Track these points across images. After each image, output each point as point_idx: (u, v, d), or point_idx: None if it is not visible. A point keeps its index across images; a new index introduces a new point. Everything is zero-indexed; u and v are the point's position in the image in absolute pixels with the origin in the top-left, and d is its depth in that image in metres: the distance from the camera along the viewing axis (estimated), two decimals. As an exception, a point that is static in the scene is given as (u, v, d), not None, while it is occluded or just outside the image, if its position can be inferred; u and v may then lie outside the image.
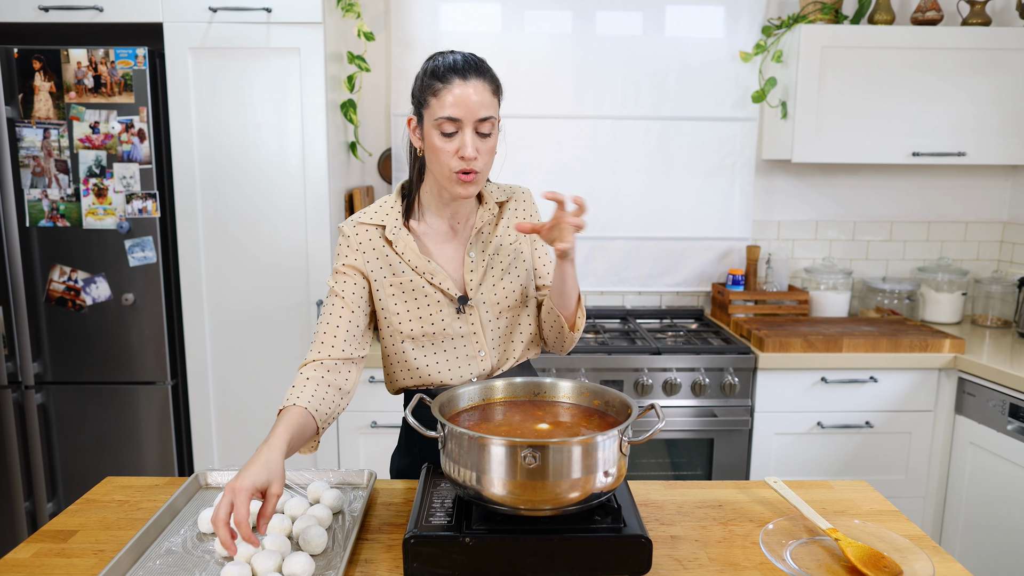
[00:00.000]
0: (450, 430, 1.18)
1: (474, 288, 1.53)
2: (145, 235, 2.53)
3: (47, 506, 2.64)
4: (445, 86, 1.37)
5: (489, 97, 1.39)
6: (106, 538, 1.34)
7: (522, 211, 1.61)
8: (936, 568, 1.23)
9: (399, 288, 1.51)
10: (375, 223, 1.51)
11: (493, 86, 1.41)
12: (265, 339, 2.63)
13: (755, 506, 1.47)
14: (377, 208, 1.54)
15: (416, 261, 1.50)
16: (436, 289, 1.51)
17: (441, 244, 1.54)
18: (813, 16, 2.87)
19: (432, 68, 1.40)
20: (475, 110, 1.37)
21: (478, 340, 1.54)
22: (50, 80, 2.42)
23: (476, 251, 1.55)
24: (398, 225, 1.51)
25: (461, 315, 1.52)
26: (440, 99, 1.37)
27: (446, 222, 1.55)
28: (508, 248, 1.58)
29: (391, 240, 1.50)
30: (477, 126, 1.39)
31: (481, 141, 1.41)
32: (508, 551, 1.17)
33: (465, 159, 1.39)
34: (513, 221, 1.59)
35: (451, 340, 1.53)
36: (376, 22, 3.00)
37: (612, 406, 1.34)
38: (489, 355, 1.56)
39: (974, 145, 2.82)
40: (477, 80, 1.38)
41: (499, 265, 1.56)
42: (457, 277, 1.54)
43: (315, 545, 1.26)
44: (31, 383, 2.57)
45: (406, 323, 1.52)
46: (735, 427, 2.67)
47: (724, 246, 3.21)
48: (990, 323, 3.07)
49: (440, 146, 1.40)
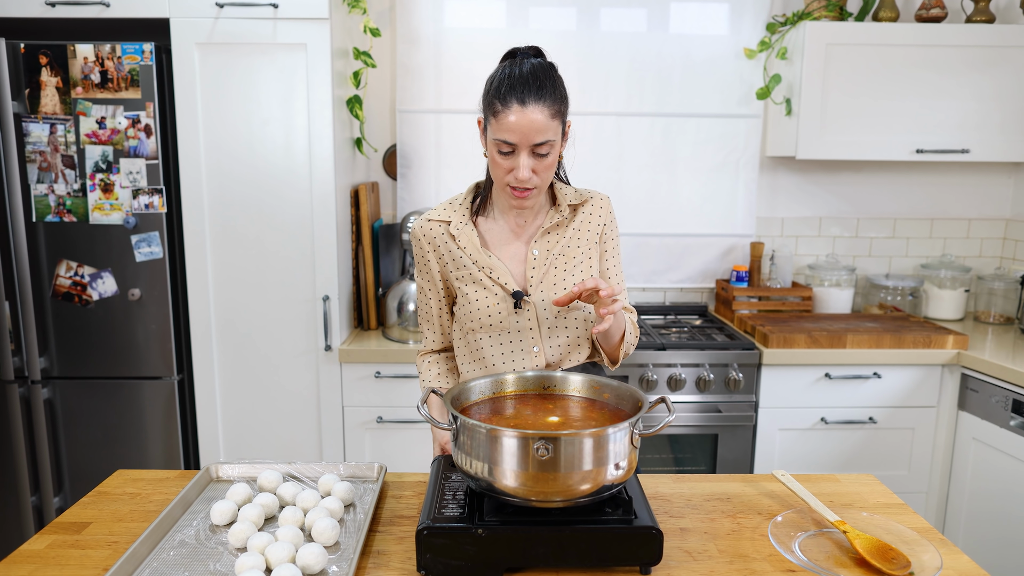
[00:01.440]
0: (463, 422, 1.19)
1: (534, 285, 1.55)
2: (151, 230, 2.53)
3: (53, 500, 2.65)
4: (504, 109, 1.39)
5: (547, 121, 1.40)
6: (119, 530, 1.35)
7: (595, 217, 1.63)
8: (944, 560, 1.24)
9: (461, 280, 1.56)
10: (441, 219, 1.58)
11: (554, 108, 1.41)
12: (271, 334, 2.64)
13: (763, 499, 1.48)
14: (447, 204, 1.61)
15: (476, 255, 1.54)
16: (495, 283, 1.54)
17: (505, 241, 1.58)
18: (818, 13, 2.87)
19: (498, 83, 1.41)
20: (531, 136, 1.39)
21: (534, 336, 1.56)
22: (57, 75, 2.43)
23: (541, 249, 1.57)
24: (464, 221, 1.56)
25: (519, 310, 1.55)
26: (499, 121, 1.40)
27: (513, 220, 1.59)
28: (575, 251, 1.59)
29: (455, 235, 1.55)
30: (534, 148, 1.41)
31: (537, 161, 1.43)
32: (520, 542, 1.18)
33: (518, 180, 1.43)
34: (585, 226, 1.61)
35: (507, 334, 1.56)
36: (382, 18, 3.01)
37: (622, 399, 1.35)
38: (544, 352, 1.57)
39: (977, 142, 2.83)
40: (535, 105, 1.38)
41: (563, 266, 1.57)
42: (518, 273, 1.57)
43: (328, 537, 1.27)
44: (37, 378, 2.58)
45: (466, 314, 1.57)
46: (739, 423, 2.68)
47: (728, 243, 3.22)
48: (993, 320, 3.08)
49: (498, 161, 1.45)
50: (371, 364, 2.63)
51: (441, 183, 3.09)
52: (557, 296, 1.54)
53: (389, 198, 3.17)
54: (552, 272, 1.56)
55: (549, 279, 1.56)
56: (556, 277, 1.56)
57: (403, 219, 2.84)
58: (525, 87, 1.39)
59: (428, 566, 1.18)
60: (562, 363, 1.60)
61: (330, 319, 2.62)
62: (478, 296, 1.55)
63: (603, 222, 1.64)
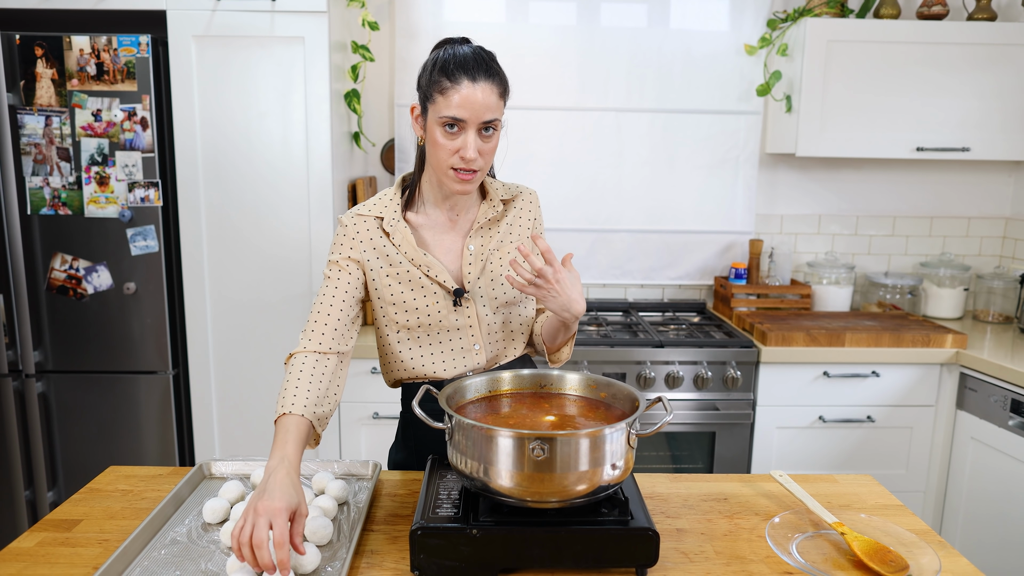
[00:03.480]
0: (458, 422, 1.18)
1: (472, 281, 1.52)
2: (147, 224, 2.52)
3: (47, 495, 2.63)
4: (453, 85, 1.35)
5: (495, 100, 1.38)
6: (110, 527, 1.34)
7: (526, 212, 1.61)
8: (942, 563, 1.23)
9: (395, 279, 1.50)
10: (373, 215, 1.51)
11: (500, 88, 1.39)
12: (267, 329, 2.62)
13: (760, 500, 1.47)
14: (376, 200, 1.54)
15: (412, 253, 1.49)
16: (432, 281, 1.50)
17: (439, 235, 1.53)
18: (819, 10, 2.86)
19: (442, 63, 1.37)
20: (480, 113, 1.36)
21: (474, 333, 1.53)
22: (52, 67, 2.41)
23: (476, 244, 1.53)
24: (396, 217, 1.50)
25: (458, 308, 1.51)
26: (447, 97, 1.35)
27: (445, 214, 1.54)
28: (509, 246, 1.56)
29: (388, 232, 1.49)
30: (480, 127, 1.38)
31: (483, 142, 1.39)
32: (515, 543, 1.17)
33: (465, 159, 1.38)
34: (517, 220, 1.59)
35: (446, 332, 1.52)
36: (380, 12, 2.99)
37: (619, 399, 1.34)
38: (484, 349, 1.55)
39: (978, 141, 2.82)
40: (485, 82, 1.36)
41: (499, 261, 1.55)
42: (455, 269, 1.53)
43: (321, 536, 1.26)
44: (32, 371, 2.56)
45: (402, 314, 1.51)
46: (737, 420, 2.68)
47: (727, 240, 3.20)
48: (992, 319, 3.07)
49: (442, 142, 1.38)
50: (367, 360, 2.62)
51: (439, 178, 3.07)
52: (495, 291, 1.52)
53: (387, 193, 3.15)
54: (488, 267, 1.54)
55: (487, 274, 1.53)
56: (492, 272, 1.54)
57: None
58: (475, 64, 1.36)
59: (422, 566, 1.17)
60: (498, 359, 1.58)
61: (326, 314, 2.60)
62: (415, 295, 1.49)
63: (533, 216, 1.62)
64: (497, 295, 1.54)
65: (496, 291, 1.54)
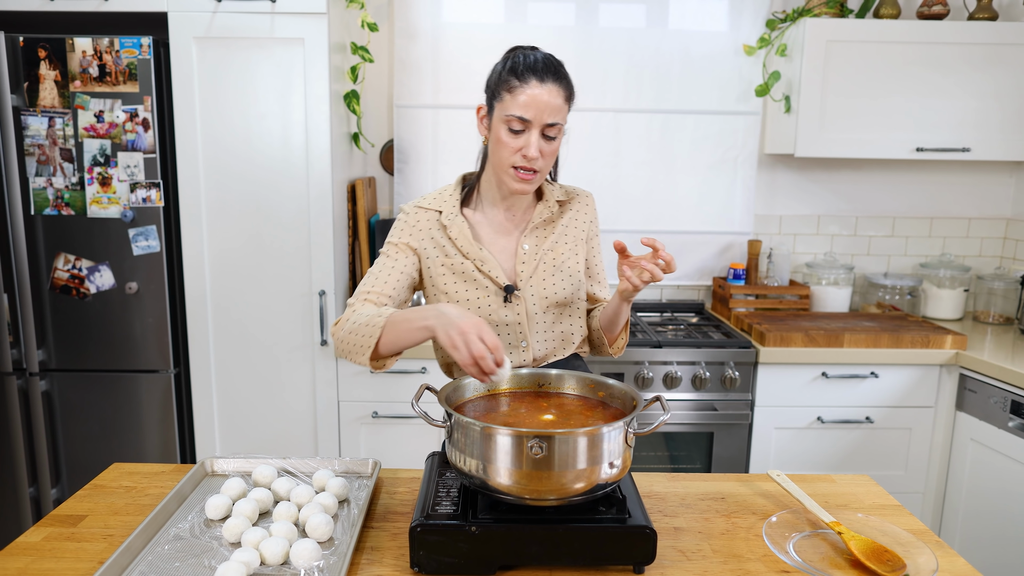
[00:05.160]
0: (457, 420, 1.19)
1: (524, 279, 1.55)
2: (149, 224, 2.53)
3: (51, 491, 2.65)
4: (521, 85, 1.40)
5: (560, 103, 1.42)
6: (115, 523, 1.35)
7: (582, 215, 1.64)
8: (940, 563, 1.24)
9: (450, 271, 1.55)
10: (433, 208, 1.57)
11: (567, 92, 1.44)
12: (268, 329, 2.64)
13: (757, 499, 1.48)
14: (437, 194, 1.60)
15: (468, 247, 1.54)
16: (485, 276, 1.54)
17: (495, 234, 1.58)
18: (818, 10, 2.86)
19: (512, 64, 1.43)
20: (545, 114, 1.41)
21: (522, 330, 1.56)
22: (55, 69, 2.42)
23: (531, 243, 1.57)
24: (455, 212, 1.56)
25: (508, 304, 1.55)
26: (514, 96, 1.41)
27: (502, 213, 1.59)
28: (563, 247, 1.60)
29: (446, 225, 1.55)
30: (545, 129, 1.42)
31: (545, 143, 1.44)
32: (513, 540, 1.18)
33: (527, 158, 1.43)
34: (573, 222, 1.63)
35: (495, 327, 1.56)
36: (380, 13, 3.00)
37: (617, 398, 1.35)
38: (532, 347, 1.58)
39: (978, 141, 2.82)
40: (553, 85, 1.41)
41: (551, 261, 1.58)
42: (508, 267, 1.57)
43: (321, 532, 1.27)
44: (35, 370, 2.58)
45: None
46: (735, 421, 2.68)
47: (725, 240, 3.21)
48: (992, 320, 3.08)
49: (506, 141, 1.44)
50: (368, 359, 2.63)
51: (438, 178, 3.09)
52: (546, 292, 1.55)
53: (386, 193, 3.17)
54: (541, 267, 1.57)
55: (539, 274, 1.56)
56: (544, 272, 1.57)
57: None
58: (544, 67, 1.42)
59: (421, 563, 1.18)
60: (548, 358, 1.61)
61: (326, 314, 2.62)
62: (467, 288, 1.54)
63: (589, 219, 1.66)
64: (548, 295, 1.57)
65: (547, 291, 1.57)
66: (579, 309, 1.63)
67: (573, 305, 1.60)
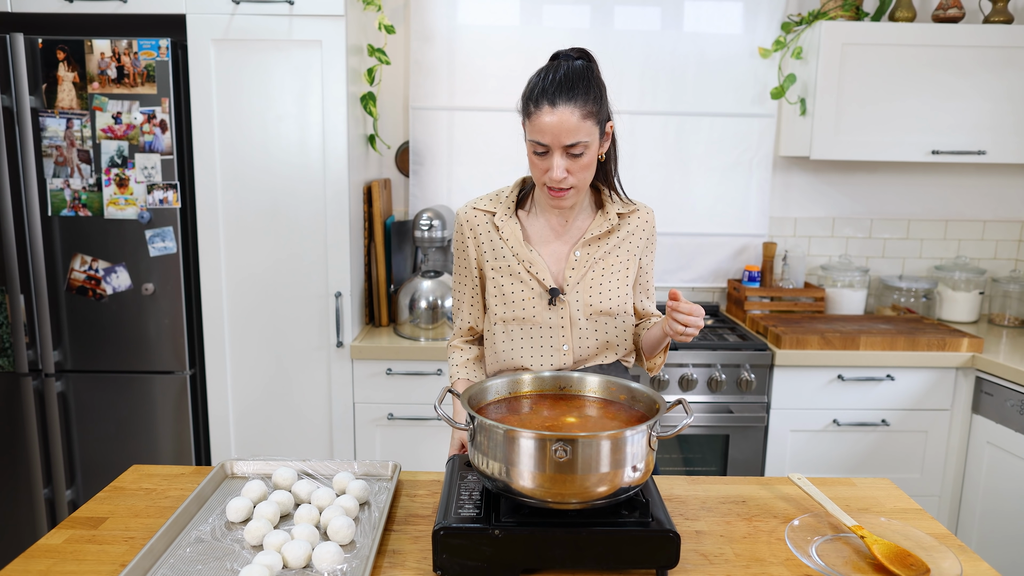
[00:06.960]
0: (480, 423, 1.19)
1: (571, 285, 1.57)
2: (166, 225, 2.54)
3: (66, 493, 2.66)
4: (536, 111, 1.43)
5: (578, 122, 1.42)
6: (135, 525, 1.36)
7: (640, 230, 1.65)
8: (964, 567, 1.23)
9: (499, 271, 1.59)
10: (487, 209, 1.62)
11: (584, 110, 1.42)
12: (284, 330, 2.64)
13: (778, 502, 1.48)
14: (493, 195, 1.65)
15: (518, 248, 1.57)
16: (532, 277, 1.57)
17: (548, 238, 1.61)
18: (834, 13, 2.85)
19: (530, 87, 1.46)
20: (561, 137, 1.42)
21: (564, 334, 1.58)
22: (74, 70, 2.43)
23: (583, 251, 1.59)
24: (508, 214, 1.60)
25: (552, 307, 1.57)
26: (532, 122, 1.44)
27: (556, 219, 1.61)
28: (615, 259, 1.61)
29: (499, 227, 1.59)
30: (567, 148, 1.44)
31: (572, 161, 1.46)
32: (537, 544, 1.18)
33: (552, 180, 1.46)
34: (630, 237, 1.64)
35: (538, 328, 1.58)
36: (396, 15, 3.01)
37: (639, 401, 1.35)
38: (573, 351, 1.59)
39: (994, 143, 2.81)
40: (565, 106, 1.41)
41: (601, 271, 1.60)
42: (557, 271, 1.59)
43: (343, 535, 1.27)
44: (51, 371, 2.59)
45: (500, 305, 1.60)
46: (751, 423, 2.68)
47: (740, 242, 3.21)
48: (1008, 322, 3.06)
49: (534, 161, 1.49)
50: (382, 361, 2.63)
51: (453, 180, 3.09)
52: (591, 299, 1.58)
53: (401, 195, 3.17)
54: (589, 275, 1.59)
55: (586, 281, 1.58)
56: (592, 281, 1.59)
57: (415, 216, 2.83)
58: (556, 90, 1.42)
59: (444, 566, 1.18)
60: (589, 362, 1.62)
61: (342, 315, 2.62)
62: (513, 288, 1.58)
63: (647, 236, 1.67)
64: (593, 303, 1.58)
65: (593, 299, 1.58)
66: (624, 320, 1.63)
67: (618, 316, 1.61)
